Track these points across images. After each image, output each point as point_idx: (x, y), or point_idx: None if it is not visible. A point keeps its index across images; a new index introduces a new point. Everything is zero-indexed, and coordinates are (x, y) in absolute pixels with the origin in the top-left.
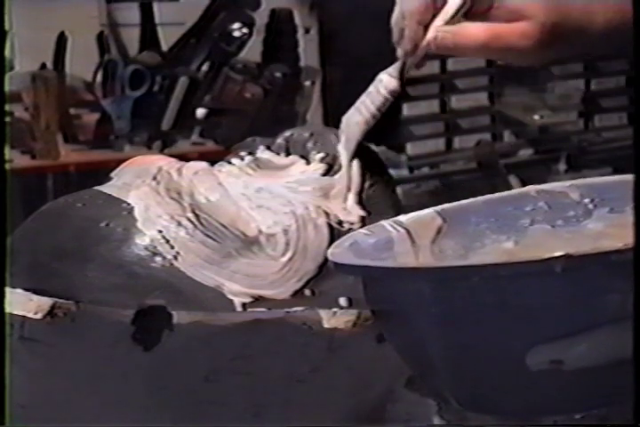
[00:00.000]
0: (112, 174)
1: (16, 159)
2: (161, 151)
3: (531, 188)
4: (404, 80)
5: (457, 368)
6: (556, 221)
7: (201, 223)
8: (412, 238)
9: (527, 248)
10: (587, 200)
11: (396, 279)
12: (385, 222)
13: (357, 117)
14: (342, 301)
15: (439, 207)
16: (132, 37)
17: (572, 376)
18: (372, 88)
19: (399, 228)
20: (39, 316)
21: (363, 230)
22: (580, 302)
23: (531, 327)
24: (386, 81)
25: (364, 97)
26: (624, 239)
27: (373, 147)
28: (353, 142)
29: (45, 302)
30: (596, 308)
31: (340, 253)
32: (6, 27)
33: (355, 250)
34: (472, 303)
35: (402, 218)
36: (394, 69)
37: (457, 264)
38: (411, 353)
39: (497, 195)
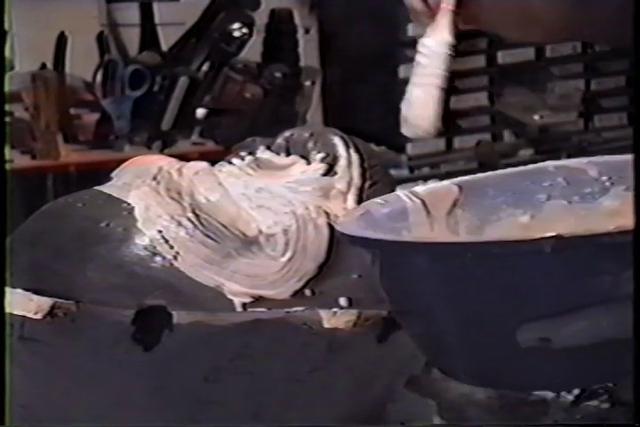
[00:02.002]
0: (112, 174)
1: (16, 159)
2: (161, 151)
3: (549, 163)
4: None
5: (461, 343)
6: (572, 197)
7: (201, 223)
8: (427, 209)
9: (543, 223)
10: (604, 178)
11: (395, 252)
12: (400, 192)
13: (428, 89)
14: (342, 301)
15: (457, 179)
16: (132, 37)
17: (562, 354)
18: (420, 58)
19: (414, 198)
20: (39, 316)
21: (377, 200)
22: (570, 282)
23: (522, 305)
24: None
25: (418, 69)
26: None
27: (373, 147)
28: (434, 111)
29: (45, 302)
30: (586, 288)
31: (349, 222)
32: (6, 27)
33: (366, 220)
34: (468, 280)
35: (418, 189)
36: (434, 29)
37: (451, 240)
38: (419, 328)
39: (515, 169)
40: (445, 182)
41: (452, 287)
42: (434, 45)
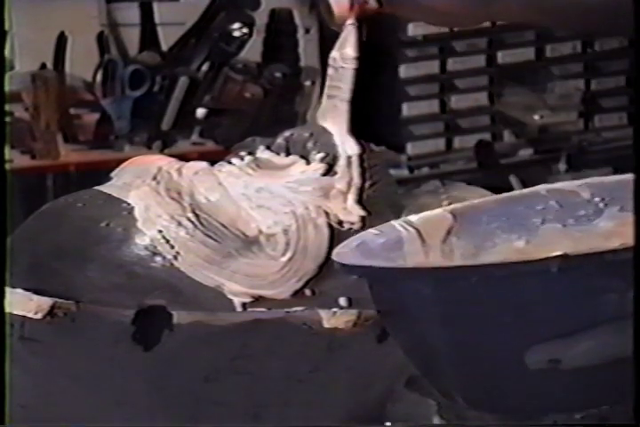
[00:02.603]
0: (112, 174)
1: (16, 159)
2: (161, 151)
3: (541, 187)
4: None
5: (460, 367)
6: (567, 220)
7: (201, 223)
8: (422, 238)
9: (538, 247)
10: (597, 199)
11: (396, 279)
12: (395, 222)
13: (336, 102)
14: (342, 301)
15: (450, 207)
16: (132, 37)
17: (571, 375)
18: (329, 70)
19: (409, 227)
20: (39, 316)
21: (372, 230)
22: (577, 301)
23: (529, 327)
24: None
25: (327, 81)
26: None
27: (373, 147)
28: (344, 124)
29: (45, 302)
30: (593, 307)
31: (346, 253)
32: (6, 27)
33: (362, 250)
34: (471, 303)
35: (412, 218)
36: (340, 43)
37: (454, 264)
38: (416, 352)
39: (508, 194)
40: (439, 210)
41: (455, 312)
42: (339, 59)
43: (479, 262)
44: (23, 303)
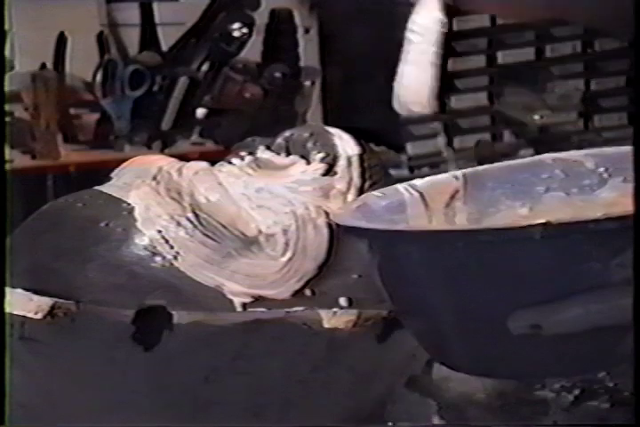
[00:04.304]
0: (112, 174)
1: (16, 159)
2: (161, 151)
3: (547, 155)
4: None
5: (459, 332)
6: (570, 189)
7: (201, 223)
8: (425, 202)
9: (541, 215)
10: (601, 169)
11: (387, 242)
12: (399, 185)
13: (422, 65)
14: (342, 301)
15: (456, 172)
16: (132, 37)
17: (556, 342)
18: (411, 35)
19: (413, 191)
20: (39, 316)
21: (375, 193)
22: (560, 269)
23: (513, 293)
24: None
25: (410, 46)
26: None
27: (373, 147)
28: (432, 85)
29: (45, 302)
30: (575, 275)
31: (345, 214)
32: (6, 27)
33: (363, 211)
34: (458, 268)
35: (417, 181)
36: (423, 6)
37: (438, 228)
38: (417, 320)
39: (514, 161)
40: (444, 175)
41: (444, 276)
42: (425, 22)
43: (465, 227)
44: (23, 303)
